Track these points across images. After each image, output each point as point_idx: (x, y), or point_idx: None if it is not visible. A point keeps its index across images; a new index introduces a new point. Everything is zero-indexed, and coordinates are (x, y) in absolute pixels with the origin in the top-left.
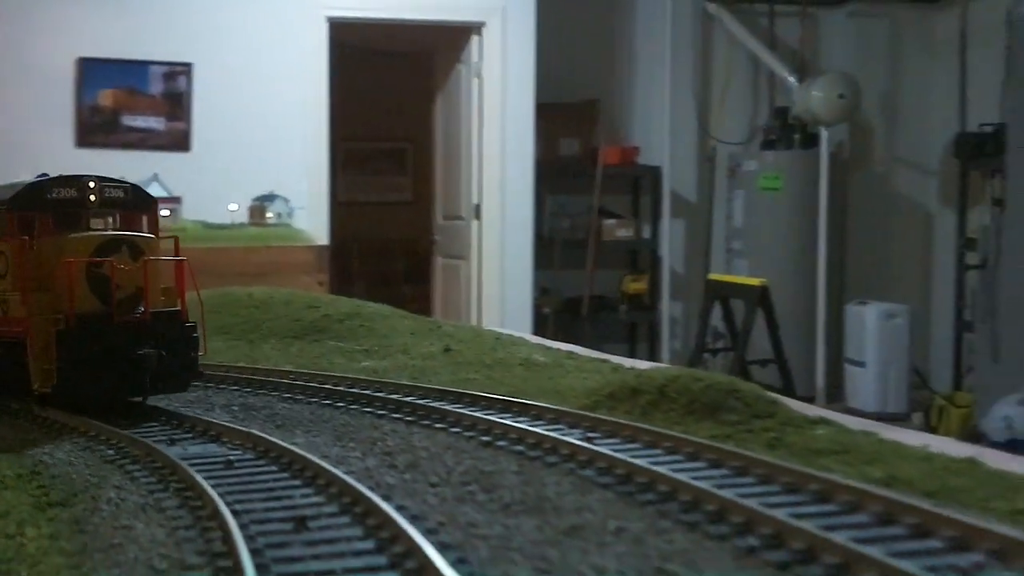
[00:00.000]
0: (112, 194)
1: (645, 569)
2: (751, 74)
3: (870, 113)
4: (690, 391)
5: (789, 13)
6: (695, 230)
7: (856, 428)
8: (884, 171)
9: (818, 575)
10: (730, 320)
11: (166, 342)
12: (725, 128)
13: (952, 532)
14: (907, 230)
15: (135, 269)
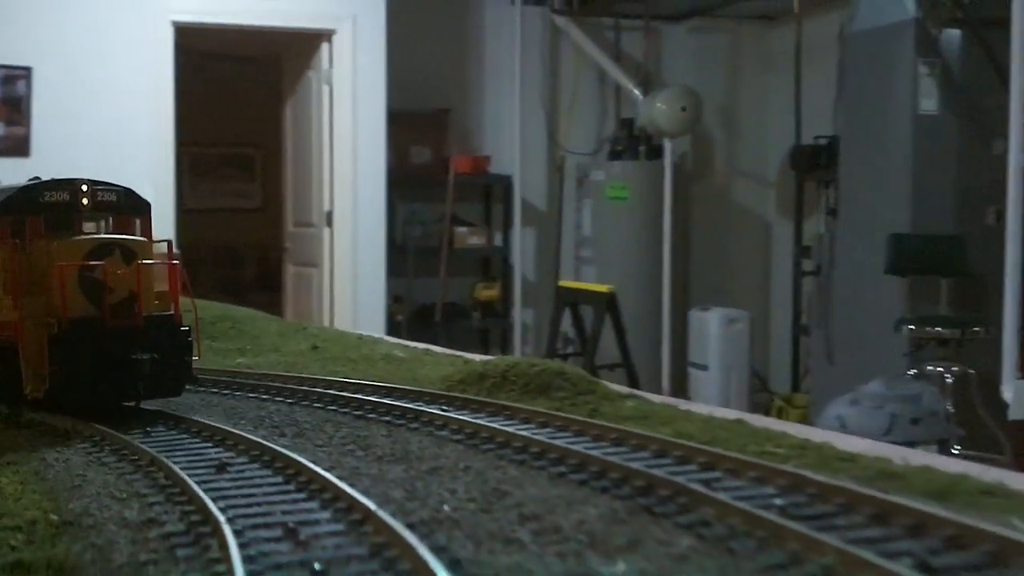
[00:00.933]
0: (105, 197)
1: (485, 490)
2: (598, 86)
3: (711, 125)
4: (527, 374)
5: (633, 27)
6: (545, 238)
7: (658, 402)
8: (725, 182)
9: (608, 486)
10: (579, 326)
11: (160, 347)
12: (574, 138)
13: (704, 459)
14: (747, 239)
15: (128, 273)
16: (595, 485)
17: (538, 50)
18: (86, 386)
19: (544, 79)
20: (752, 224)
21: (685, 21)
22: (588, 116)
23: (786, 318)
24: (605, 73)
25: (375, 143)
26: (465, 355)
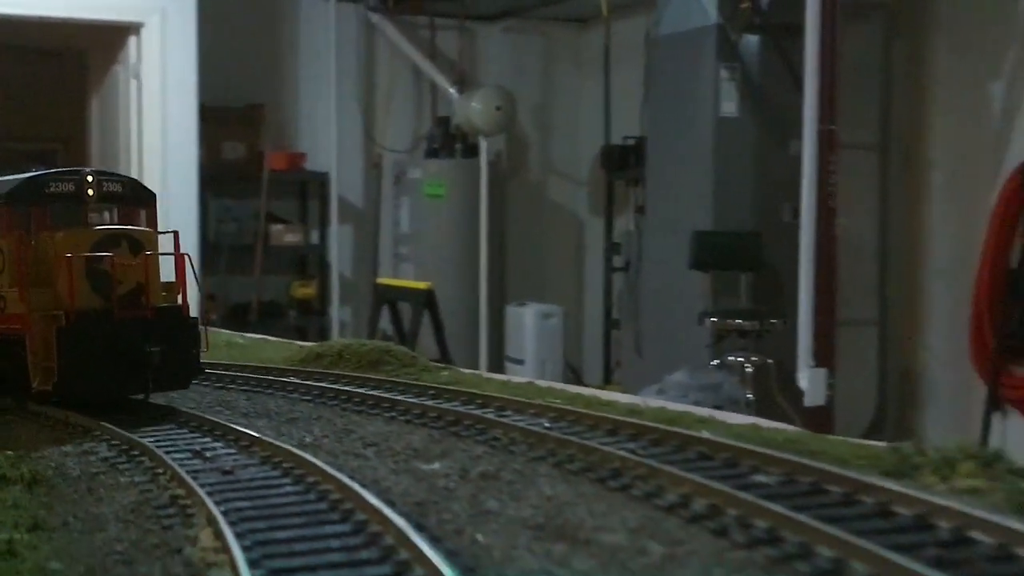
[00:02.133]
0: (110, 188)
1: (336, 429)
2: (414, 84)
3: (526, 125)
4: (359, 353)
5: (449, 26)
6: (363, 235)
7: (468, 372)
8: (539, 180)
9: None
10: (398, 323)
11: (168, 339)
12: (390, 136)
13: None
14: (561, 236)
15: (136, 264)
16: (418, 422)
17: (353, 47)
18: (94, 379)
19: (360, 76)
20: (565, 221)
21: (499, 21)
22: (405, 114)
23: (598, 312)
24: (421, 71)
25: (186, 139)
26: (298, 343)
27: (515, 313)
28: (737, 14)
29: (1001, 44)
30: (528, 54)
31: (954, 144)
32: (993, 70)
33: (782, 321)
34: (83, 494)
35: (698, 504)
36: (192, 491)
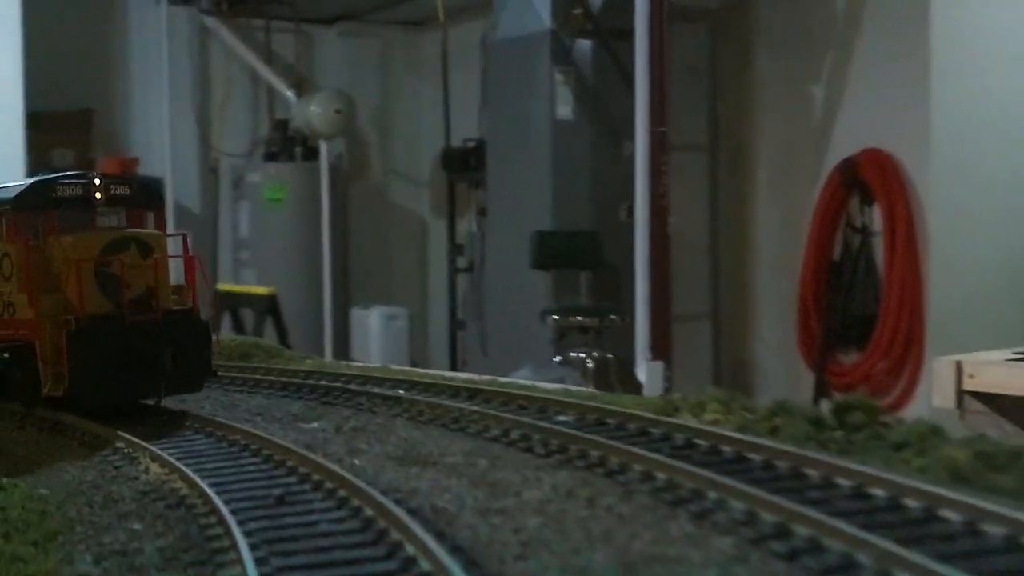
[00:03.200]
0: (118, 191)
1: (226, 405)
2: (251, 88)
3: (366, 128)
4: (229, 347)
5: (284, 29)
6: (201, 241)
7: (329, 360)
8: (381, 183)
9: (303, 395)
10: (240, 329)
11: (179, 342)
12: (228, 140)
13: (359, 380)
14: (404, 238)
15: (145, 267)
16: (294, 396)
17: (187, 51)
18: (105, 385)
19: (194, 80)
20: (408, 223)
21: (336, 25)
22: (242, 118)
23: (443, 313)
24: (258, 75)
25: (12, 146)
26: None
27: (360, 316)
28: (570, 19)
29: (819, 48)
30: (366, 57)
31: (778, 144)
32: (813, 73)
33: (620, 317)
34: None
35: (513, 434)
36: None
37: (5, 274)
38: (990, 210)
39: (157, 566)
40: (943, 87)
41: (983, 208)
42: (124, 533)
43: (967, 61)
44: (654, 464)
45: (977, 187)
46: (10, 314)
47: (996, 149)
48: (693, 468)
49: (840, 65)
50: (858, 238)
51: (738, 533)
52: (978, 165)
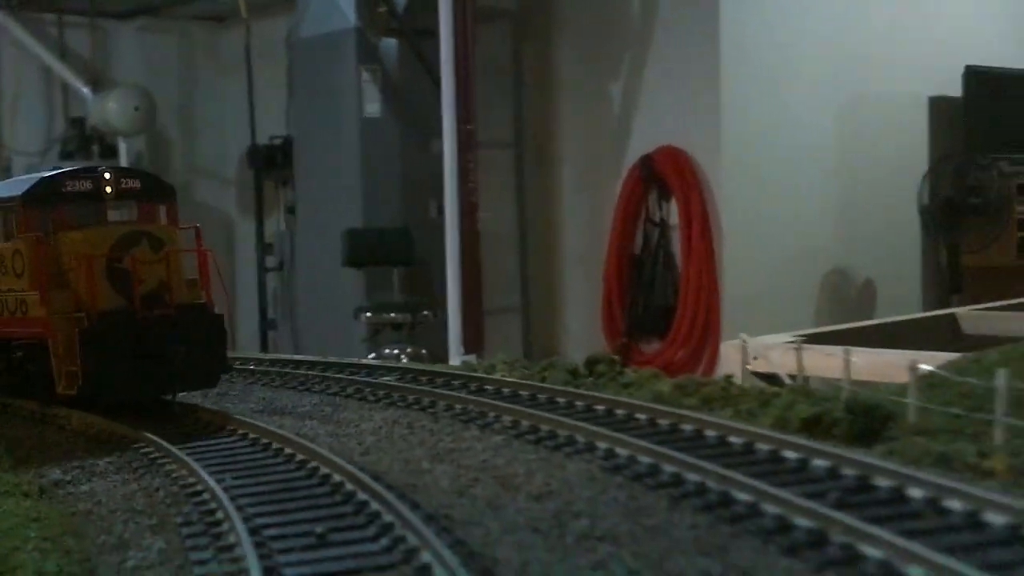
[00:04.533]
0: (128, 184)
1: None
2: (44, 84)
3: (168, 125)
4: None
5: (79, 24)
6: None
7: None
8: (185, 181)
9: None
10: None
11: (193, 337)
12: (21, 138)
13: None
14: (211, 237)
15: (157, 262)
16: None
17: None
18: (119, 382)
19: None
20: (215, 222)
21: (133, 20)
22: (35, 115)
23: (253, 313)
24: (51, 71)
25: None
26: None
27: None
28: (375, 17)
29: (618, 48)
30: (166, 53)
31: (581, 141)
32: (612, 72)
33: (433, 313)
34: None
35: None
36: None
37: (16, 271)
38: (780, 205)
39: None
40: (732, 88)
41: (773, 203)
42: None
43: (755, 63)
44: (455, 399)
45: (767, 183)
46: (22, 312)
47: (785, 146)
48: (482, 399)
49: (637, 65)
50: (657, 232)
51: (506, 434)
52: (768, 162)
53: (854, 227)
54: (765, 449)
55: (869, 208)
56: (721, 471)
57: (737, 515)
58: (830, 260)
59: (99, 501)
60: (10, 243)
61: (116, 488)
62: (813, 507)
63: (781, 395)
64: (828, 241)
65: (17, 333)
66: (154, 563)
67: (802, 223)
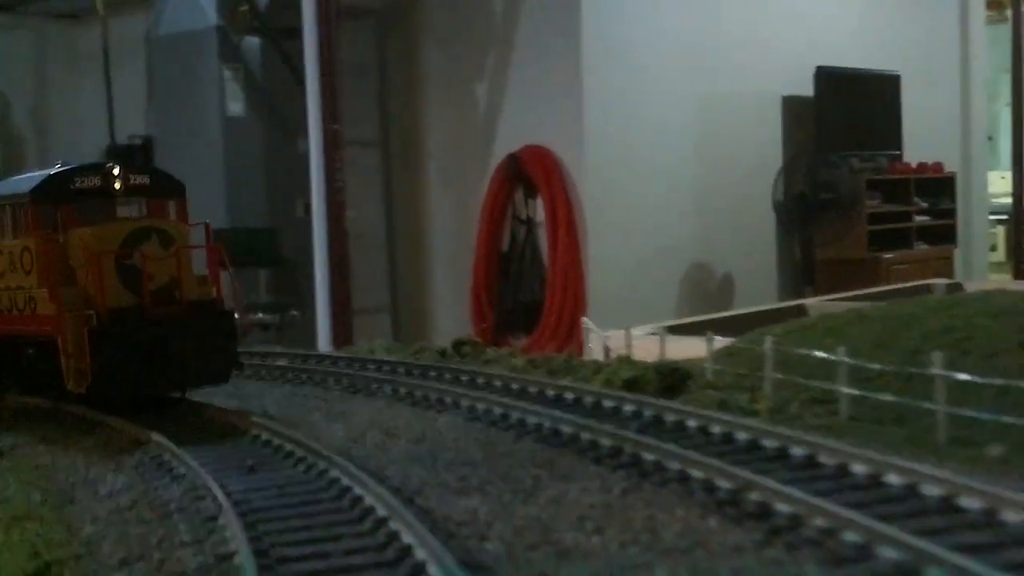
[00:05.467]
0: (137, 181)
1: None
2: None
3: (21, 125)
4: None
5: None
6: None
7: None
8: None
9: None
10: None
11: (204, 333)
12: None
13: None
14: None
15: (167, 258)
16: None
17: None
18: (129, 379)
19: None
20: None
21: None
22: None
23: None
24: None
25: None
26: None
27: None
28: (236, 16)
29: (483, 48)
30: (18, 51)
31: (447, 139)
32: (477, 71)
33: (301, 313)
34: None
35: (247, 372)
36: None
37: (25, 268)
38: (642, 202)
39: None
40: (595, 88)
41: (636, 200)
42: None
43: (617, 64)
44: (341, 375)
45: (629, 181)
46: (32, 309)
47: (646, 145)
48: (365, 374)
49: (502, 65)
50: (524, 229)
51: (387, 399)
52: (630, 160)
53: (713, 223)
54: (590, 400)
55: (727, 204)
56: (554, 413)
57: (562, 442)
58: (691, 255)
59: (54, 459)
60: (19, 240)
61: (67, 448)
62: (618, 432)
63: (611, 364)
64: (688, 237)
65: (27, 331)
66: (123, 489)
67: (663, 219)
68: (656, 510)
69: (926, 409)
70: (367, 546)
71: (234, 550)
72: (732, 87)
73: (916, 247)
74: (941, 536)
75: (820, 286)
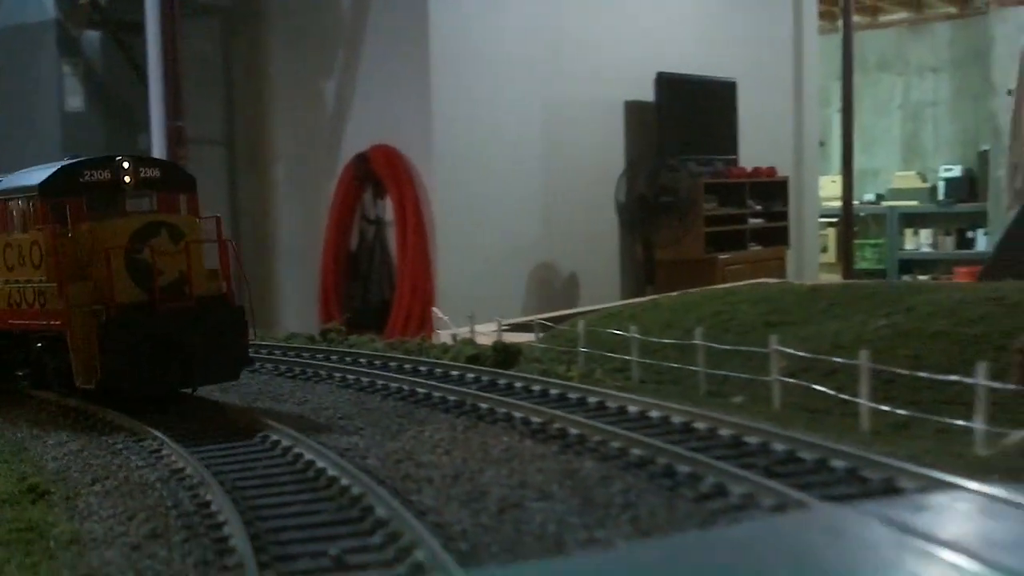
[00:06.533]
0: (148, 174)
1: None
2: None
3: None
4: None
5: None
6: None
7: None
8: None
9: None
10: None
11: (214, 329)
12: None
13: None
14: None
15: (177, 253)
16: None
17: None
18: (138, 375)
19: None
20: None
21: None
22: None
23: None
24: None
25: None
26: None
27: None
28: (76, 10)
29: (331, 47)
30: None
31: (295, 139)
32: (325, 70)
33: None
34: None
35: None
36: None
37: (35, 262)
38: (489, 203)
39: None
40: (443, 91)
41: (483, 201)
42: None
43: (464, 68)
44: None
45: (477, 182)
46: (41, 304)
47: (493, 147)
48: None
49: (350, 64)
50: (372, 229)
51: (271, 374)
52: (478, 162)
53: (558, 224)
54: (440, 371)
55: (572, 206)
56: (411, 379)
57: (418, 399)
58: (537, 255)
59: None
60: (28, 234)
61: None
62: (462, 390)
63: (456, 345)
64: (535, 237)
65: (36, 325)
66: (68, 440)
67: (511, 220)
68: (488, 438)
69: (694, 371)
70: (280, 462)
71: (183, 467)
72: (577, 92)
73: (751, 248)
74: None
75: (660, 285)
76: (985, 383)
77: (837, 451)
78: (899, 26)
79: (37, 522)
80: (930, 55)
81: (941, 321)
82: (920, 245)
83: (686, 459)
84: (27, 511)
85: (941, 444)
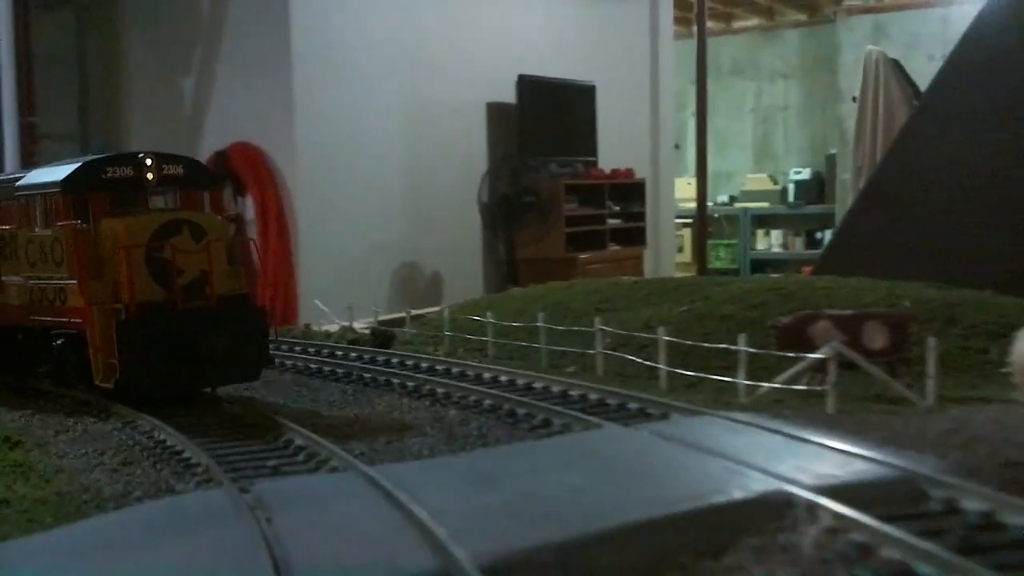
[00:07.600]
0: (170, 171)
1: None
2: None
3: None
4: None
5: None
6: None
7: None
8: None
9: None
10: None
11: (235, 329)
12: None
13: None
14: None
15: (198, 251)
16: None
17: None
18: (158, 375)
19: None
20: None
21: None
22: None
23: None
24: None
25: None
26: None
27: None
28: None
29: (189, 42)
30: None
31: (152, 135)
32: (184, 66)
33: None
34: None
35: None
36: None
37: (56, 259)
38: (353, 202)
39: None
40: (305, 88)
41: (347, 200)
42: None
43: (327, 66)
44: None
45: (341, 181)
46: (61, 301)
47: (357, 145)
48: None
49: (209, 60)
50: (233, 227)
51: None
52: (341, 160)
53: (422, 223)
54: (327, 351)
55: (436, 206)
56: (303, 357)
57: (312, 373)
58: (401, 254)
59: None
60: (49, 231)
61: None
62: (348, 364)
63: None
64: (399, 236)
65: (56, 322)
66: (19, 408)
67: (374, 219)
68: (373, 398)
69: (537, 348)
70: (222, 416)
71: (134, 419)
72: (439, 92)
73: (610, 248)
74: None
75: (523, 283)
76: (744, 349)
77: (635, 398)
78: (752, 32)
79: (21, 461)
80: (781, 61)
81: (729, 307)
82: (771, 245)
83: (525, 404)
84: (8, 455)
85: (716, 396)
